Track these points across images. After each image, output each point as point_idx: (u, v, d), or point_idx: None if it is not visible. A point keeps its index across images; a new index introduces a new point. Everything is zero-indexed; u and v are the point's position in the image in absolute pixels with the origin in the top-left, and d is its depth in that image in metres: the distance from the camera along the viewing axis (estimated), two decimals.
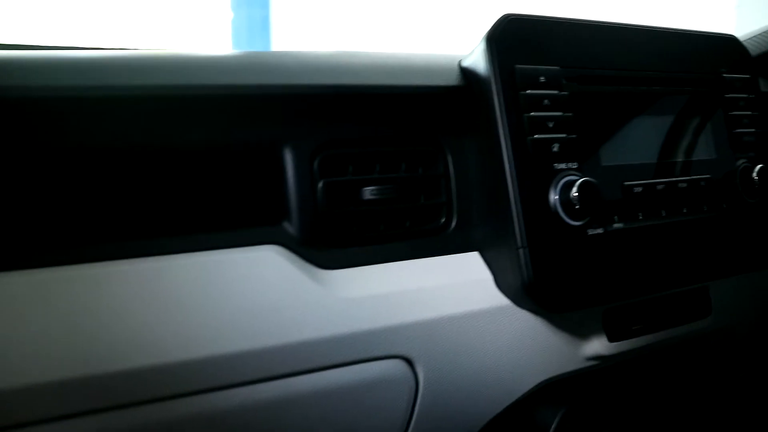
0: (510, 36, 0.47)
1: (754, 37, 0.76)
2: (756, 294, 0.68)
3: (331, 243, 0.47)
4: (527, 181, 0.46)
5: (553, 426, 0.56)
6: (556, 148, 0.47)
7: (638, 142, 0.52)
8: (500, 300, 0.49)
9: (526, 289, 0.46)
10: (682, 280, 0.54)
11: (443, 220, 0.50)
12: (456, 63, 0.51)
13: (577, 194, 0.45)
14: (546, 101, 0.47)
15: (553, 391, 0.57)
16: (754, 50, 0.72)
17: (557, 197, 0.46)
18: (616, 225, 0.49)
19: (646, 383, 0.61)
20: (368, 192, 0.48)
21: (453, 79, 0.50)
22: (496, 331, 0.50)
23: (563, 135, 0.47)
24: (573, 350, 0.54)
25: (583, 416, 0.57)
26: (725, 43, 0.60)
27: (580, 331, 0.54)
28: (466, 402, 0.51)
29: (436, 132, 0.50)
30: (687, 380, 0.65)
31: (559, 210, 0.46)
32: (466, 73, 0.50)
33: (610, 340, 0.55)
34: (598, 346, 0.55)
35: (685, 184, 0.53)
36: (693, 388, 0.65)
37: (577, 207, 0.45)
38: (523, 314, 0.50)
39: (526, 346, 0.52)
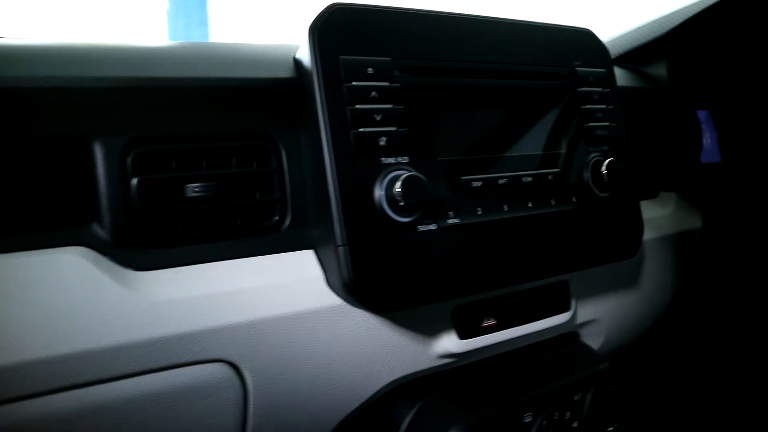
0: (335, 26, 0.46)
1: (616, 38, 0.77)
2: (619, 288, 0.68)
3: (151, 243, 0.44)
4: (350, 177, 0.44)
5: (404, 425, 0.55)
6: (383, 141, 0.45)
7: (480, 135, 0.51)
8: (332, 299, 0.47)
9: (347, 288, 0.44)
10: (531, 274, 0.54)
11: (276, 217, 0.48)
12: (292, 54, 0.49)
13: (400, 190, 0.44)
14: (374, 93, 0.46)
15: (411, 389, 0.56)
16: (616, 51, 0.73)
17: (382, 193, 0.44)
18: (451, 220, 0.47)
19: (504, 375, 0.60)
20: (191, 189, 0.45)
21: (285, 71, 0.48)
22: (333, 332, 0.48)
23: (392, 128, 0.46)
24: (422, 348, 0.53)
25: (438, 413, 0.56)
26: (581, 36, 0.60)
27: (429, 328, 0.53)
28: (310, 404, 0.50)
29: (269, 126, 0.48)
30: (557, 372, 0.65)
31: (384, 206, 0.44)
32: (298, 65, 0.48)
33: (461, 337, 0.54)
34: (448, 343, 0.54)
35: (530, 178, 0.52)
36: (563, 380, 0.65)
37: (401, 203, 0.44)
38: (361, 313, 0.49)
39: (371, 346, 0.51)
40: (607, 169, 0.56)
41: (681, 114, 0.88)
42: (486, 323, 0.56)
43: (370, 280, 0.44)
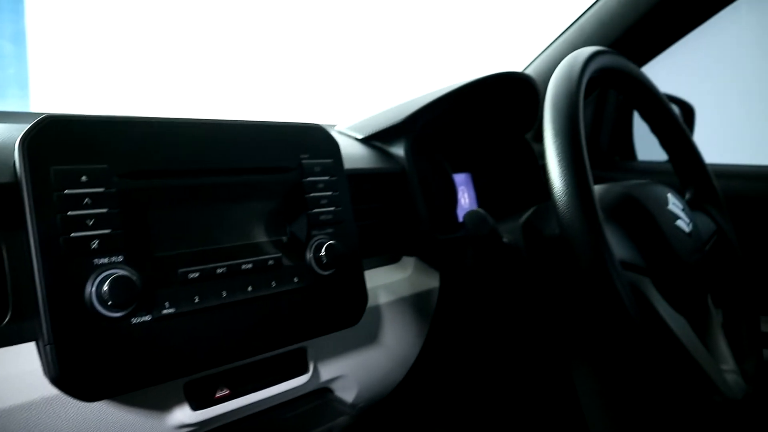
0: (48, 137, 0.49)
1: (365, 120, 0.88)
2: (362, 346, 0.77)
3: None
4: (59, 278, 0.48)
5: None
6: (95, 244, 0.50)
7: (203, 229, 0.57)
8: (50, 389, 0.50)
9: (56, 383, 0.48)
10: (254, 349, 0.60)
11: None
12: (11, 160, 0.52)
13: (107, 289, 0.48)
14: (87, 200, 0.50)
15: None
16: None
17: (93, 290, 0.49)
18: (166, 310, 0.53)
19: None
20: None
21: (5, 177, 0.51)
22: (56, 421, 0.51)
23: (106, 231, 0.50)
24: (157, 423, 0.58)
25: None
26: (311, 131, 0.68)
27: (162, 403, 0.58)
28: None
29: None
30: None
31: (95, 304, 0.49)
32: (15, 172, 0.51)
33: (194, 409, 0.59)
34: (182, 416, 0.58)
35: (249, 265, 0.59)
36: None
37: (109, 302, 0.49)
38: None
39: (103, 428, 0.54)
40: (326, 251, 0.64)
41: (435, 180, 1.01)
42: (219, 394, 0.61)
43: (79, 374, 0.48)
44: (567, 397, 1.29)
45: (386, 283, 0.80)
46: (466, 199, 1.14)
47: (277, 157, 0.64)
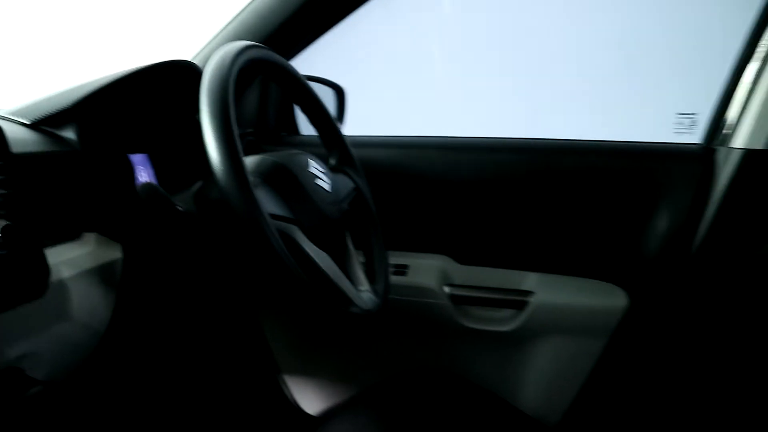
0: None
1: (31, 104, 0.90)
2: (50, 322, 0.81)
3: None
4: None
5: None
6: None
7: None
8: None
9: None
10: None
11: None
12: None
13: None
14: None
15: None
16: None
17: None
18: None
19: None
20: None
21: None
22: None
23: None
24: None
25: None
26: None
27: None
28: None
29: None
30: None
31: None
32: None
33: None
34: None
35: None
36: None
37: None
38: None
39: None
40: (1, 231, 0.67)
41: (110, 161, 1.06)
42: None
43: None
44: (257, 341, 1.48)
45: (69, 258, 0.84)
46: (144, 178, 1.20)
47: None
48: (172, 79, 1.11)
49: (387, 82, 2.33)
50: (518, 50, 2.10)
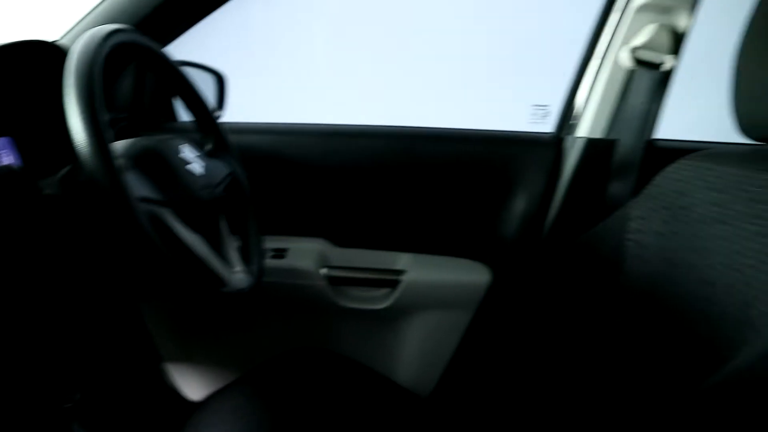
0: None
1: None
2: None
3: None
4: None
5: None
6: None
7: None
8: None
9: None
10: None
11: None
12: None
13: None
14: None
15: None
16: None
17: None
18: None
19: None
20: None
21: None
22: None
23: None
24: None
25: None
26: None
27: None
28: None
29: None
30: None
31: None
32: None
33: None
34: None
35: None
36: None
37: None
38: None
39: None
40: None
41: None
42: None
43: None
44: (137, 330, 1.46)
45: None
46: (6, 161, 1.16)
47: None
48: (37, 61, 1.07)
49: (265, 67, 2.36)
50: (390, 38, 2.20)
